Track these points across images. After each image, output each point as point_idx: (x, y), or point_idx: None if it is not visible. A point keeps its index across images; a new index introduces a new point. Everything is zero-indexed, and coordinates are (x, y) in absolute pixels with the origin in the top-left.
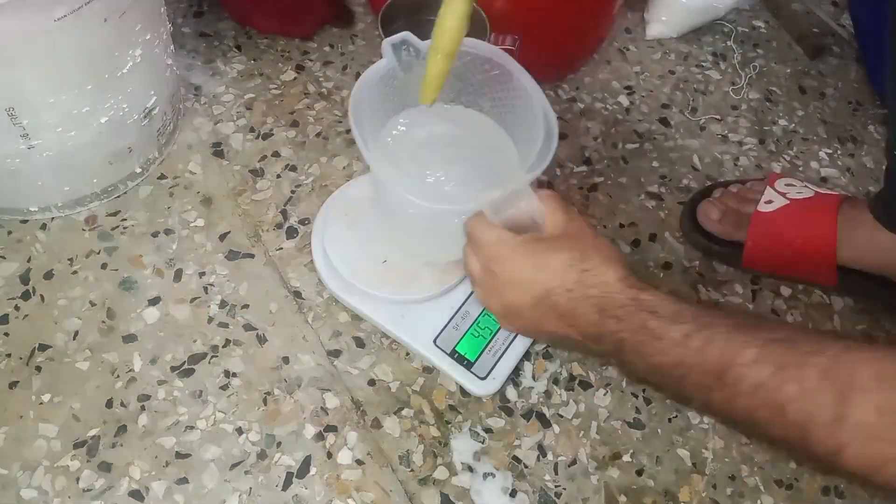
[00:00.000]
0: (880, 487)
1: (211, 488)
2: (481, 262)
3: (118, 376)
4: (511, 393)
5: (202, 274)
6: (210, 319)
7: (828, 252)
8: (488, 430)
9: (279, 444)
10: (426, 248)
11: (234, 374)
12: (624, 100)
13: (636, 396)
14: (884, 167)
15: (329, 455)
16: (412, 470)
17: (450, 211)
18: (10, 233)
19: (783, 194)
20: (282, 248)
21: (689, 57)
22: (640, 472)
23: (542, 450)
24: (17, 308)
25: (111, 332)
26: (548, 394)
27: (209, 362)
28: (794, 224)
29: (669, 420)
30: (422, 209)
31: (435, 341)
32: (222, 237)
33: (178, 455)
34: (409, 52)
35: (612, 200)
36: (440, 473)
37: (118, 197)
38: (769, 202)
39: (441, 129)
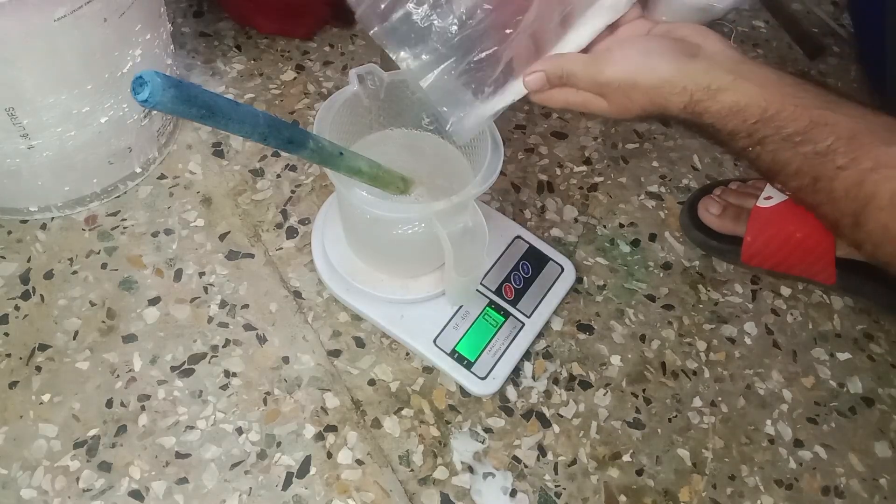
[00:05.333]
0: None
1: (211, 488)
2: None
3: (118, 376)
4: (511, 393)
5: (202, 274)
6: (210, 319)
7: (828, 245)
8: (488, 430)
9: (279, 444)
10: (383, 258)
11: (234, 374)
12: None
13: (636, 396)
14: None
15: (329, 455)
16: (412, 470)
17: (398, 219)
18: (10, 233)
19: (783, 191)
20: (282, 248)
21: None
22: (640, 472)
23: (542, 450)
24: (17, 308)
25: (111, 332)
26: (548, 394)
27: (209, 362)
28: (794, 218)
29: (669, 420)
30: (376, 217)
31: (435, 341)
32: (222, 237)
33: (178, 455)
34: (374, 82)
35: (612, 200)
36: (440, 473)
37: (118, 197)
38: (769, 198)
39: (403, 151)
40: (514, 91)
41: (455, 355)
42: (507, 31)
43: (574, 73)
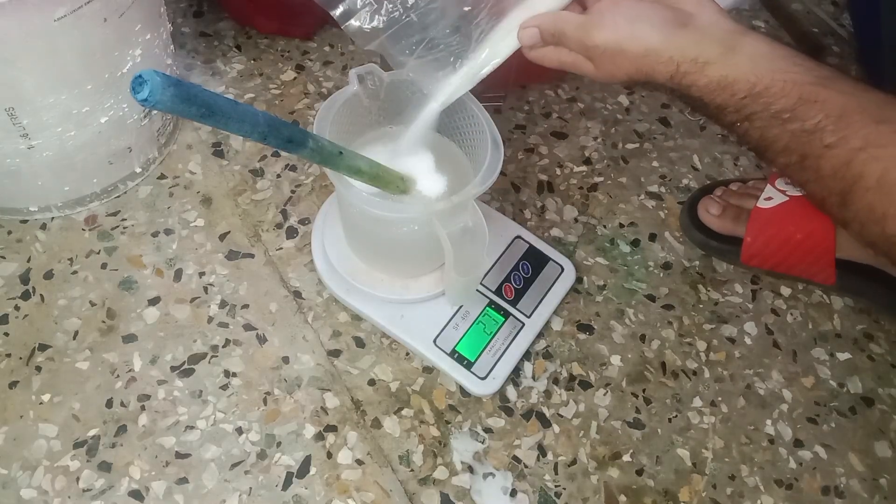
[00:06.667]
0: None
1: (211, 488)
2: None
3: (118, 376)
4: (511, 393)
5: (202, 274)
6: (210, 319)
7: (827, 245)
8: (488, 430)
9: (279, 444)
10: (383, 258)
11: (234, 374)
12: (624, 99)
13: (636, 396)
14: None
15: (329, 455)
16: (412, 470)
17: (398, 219)
18: (10, 233)
19: (783, 192)
20: (282, 248)
21: None
22: (640, 472)
23: (542, 450)
24: (17, 308)
25: (111, 332)
26: (548, 394)
27: (209, 362)
28: (794, 219)
29: (669, 420)
30: (376, 217)
31: (435, 341)
32: (222, 237)
33: (178, 455)
34: (374, 82)
35: (612, 200)
36: (440, 473)
37: (118, 197)
38: (769, 199)
39: (404, 150)
40: (508, 46)
41: (455, 355)
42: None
43: (565, 34)
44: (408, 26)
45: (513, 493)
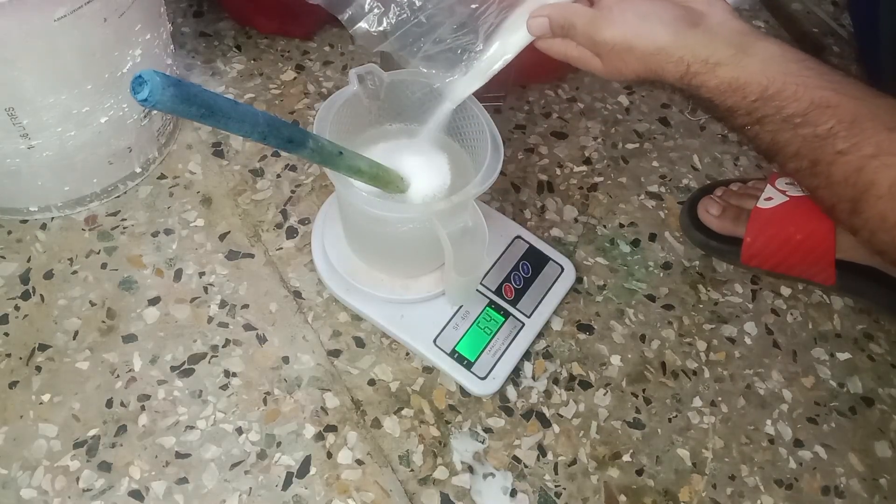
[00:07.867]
0: None
1: (211, 488)
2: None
3: (118, 376)
4: (511, 393)
5: (202, 274)
6: (210, 319)
7: (827, 246)
8: (488, 430)
9: (279, 443)
10: (382, 258)
11: (234, 374)
12: (624, 99)
13: (636, 396)
14: None
15: (329, 455)
16: (412, 470)
17: (398, 219)
18: (10, 233)
19: (783, 192)
20: (282, 248)
21: None
22: (640, 472)
23: (542, 450)
24: (17, 308)
25: (111, 332)
26: (548, 394)
27: (209, 362)
28: (794, 219)
29: (669, 420)
30: (376, 217)
31: (435, 341)
32: (222, 237)
33: (178, 455)
34: (374, 82)
35: (612, 200)
36: (440, 473)
37: (118, 197)
38: (769, 199)
39: (404, 148)
40: (518, 41)
41: (455, 355)
42: None
43: (574, 27)
44: (416, 27)
45: (513, 493)
